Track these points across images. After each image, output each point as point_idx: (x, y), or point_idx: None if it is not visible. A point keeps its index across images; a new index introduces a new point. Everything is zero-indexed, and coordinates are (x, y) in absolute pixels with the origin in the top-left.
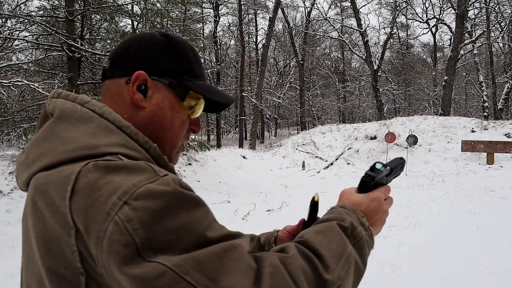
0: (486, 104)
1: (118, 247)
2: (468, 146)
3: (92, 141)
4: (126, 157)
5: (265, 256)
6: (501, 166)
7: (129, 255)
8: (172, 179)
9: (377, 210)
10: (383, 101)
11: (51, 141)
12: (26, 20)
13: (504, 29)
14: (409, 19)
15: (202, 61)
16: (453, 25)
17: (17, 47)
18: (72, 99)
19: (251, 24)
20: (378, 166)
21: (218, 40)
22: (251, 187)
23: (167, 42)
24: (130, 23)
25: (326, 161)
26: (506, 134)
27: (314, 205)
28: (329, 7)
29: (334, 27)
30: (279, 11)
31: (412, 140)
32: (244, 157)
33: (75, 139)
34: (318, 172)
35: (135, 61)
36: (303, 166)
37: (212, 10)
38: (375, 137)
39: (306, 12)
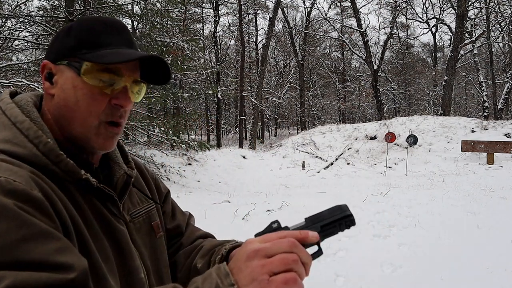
0: (486, 104)
1: None
2: (468, 146)
3: None
4: (6, 153)
5: None
6: (501, 166)
7: None
8: None
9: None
10: (383, 101)
11: None
12: (26, 20)
13: (504, 29)
14: (409, 19)
15: (202, 61)
16: (453, 25)
17: (17, 47)
18: (1, 98)
19: (251, 24)
20: (274, 226)
21: (218, 40)
22: (251, 187)
23: (67, 26)
24: (130, 23)
25: (326, 161)
26: (506, 134)
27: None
28: (329, 7)
29: (334, 27)
30: (279, 11)
31: (412, 140)
32: (244, 157)
33: None
34: (318, 172)
35: (47, 52)
36: (303, 166)
37: (212, 10)
38: (375, 137)
39: (306, 12)
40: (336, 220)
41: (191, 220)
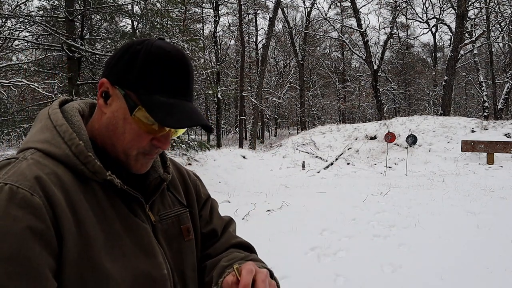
0: (486, 104)
1: None
2: (468, 146)
3: (33, 136)
4: (43, 151)
5: None
6: (501, 166)
7: None
8: (2, 189)
9: None
10: (383, 101)
11: None
12: (26, 20)
13: (504, 29)
14: (409, 19)
15: (202, 61)
16: (453, 25)
17: (17, 47)
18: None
19: (251, 24)
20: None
21: (218, 40)
22: (251, 187)
23: (137, 52)
24: (130, 23)
25: (326, 161)
26: (506, 134)
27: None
28: (329, 7)
29: (334, 27)
30: (279, 11)
31: (412, 140)
32: (244, 157)
33: (30, 134)
34: (318, 172)
35: (108, 67)
36: (303, 166)
37: (212, 10)
38: (375, 137)
39: (306, 12)
40: None
41: (230, 227)
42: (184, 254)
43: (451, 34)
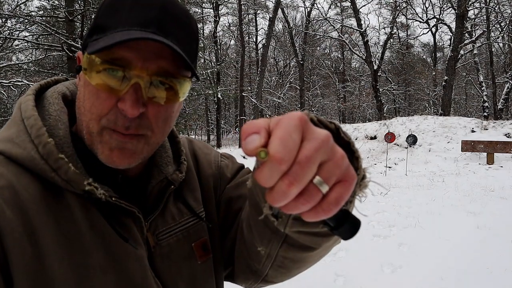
0: (486, 104)
1: None
2: (468, 146)
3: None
4: (3, 153)
5: None
6: (501, 166)
7: None
8: None
9: None
10: (383, 101)
11: None
12: (26, 20)
13: (504, 29)
14: (409, 19)
15: (202, 61)
16: (453, 25)
17: (17, 47)
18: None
19: (251, 24)
20: None
21: (218, 40)
22: None
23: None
24: None
25: None
26: (506, 134)
27: None
28: (329, 7)
29: (334, 27)
30: (279, 11)
31: (412, 140)
32: (244, 157)
33: None
34: None
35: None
36: None
37: (212, 10)
38: (375, 137)
39: (306, 12)
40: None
41: None
42: (198, 281)
43: (451, 34)
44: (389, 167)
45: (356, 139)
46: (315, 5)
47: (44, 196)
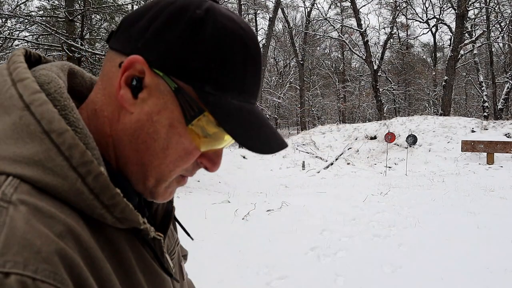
0: (486, 104)
1: None
2: (468, 146)
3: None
4: (32, 184)
5: None
6: (501, 166)
7: None
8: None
9: None
10: (383, 101)
11: None
12: (26, 20)
13: (504, 29)
14: (409, 19)
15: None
16: (453, 25)
17: (17, 47)
18: (10, 64)
19: (251, 24)
20: None
21: None
22: (251, 187)
23: (200, 22)
24: None
25: (326, 161)
26: (506, 134)
27: None
28: (329, 7)
29: (334, 27)
30: (279, 11)
31: (412, 140)
32: (244, 157)
33: None
34: (318, 172)
35: (141, 36)
36: (303, 166)
37: None
38: (375, 137)
39: (306, 12)
40: None
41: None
42: None
43: (451, 34)
44: (389, 167)
45: (356, 139)
46: (315, 5)
47: (89, 231)
